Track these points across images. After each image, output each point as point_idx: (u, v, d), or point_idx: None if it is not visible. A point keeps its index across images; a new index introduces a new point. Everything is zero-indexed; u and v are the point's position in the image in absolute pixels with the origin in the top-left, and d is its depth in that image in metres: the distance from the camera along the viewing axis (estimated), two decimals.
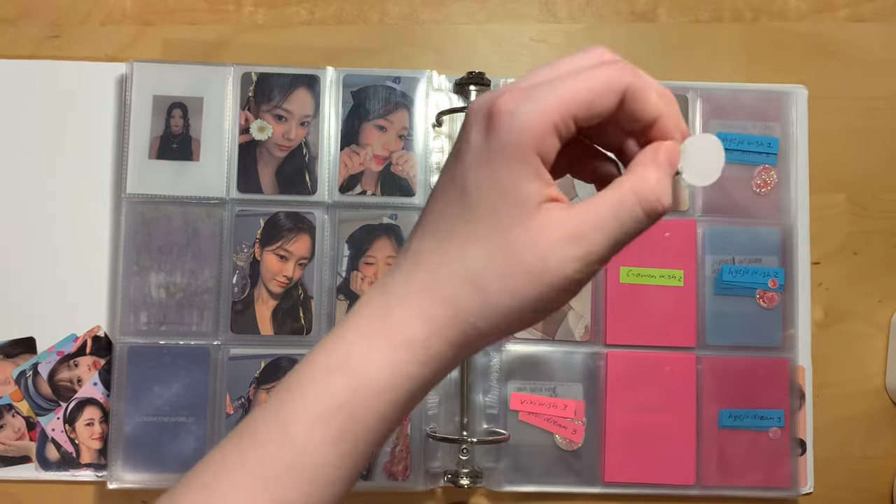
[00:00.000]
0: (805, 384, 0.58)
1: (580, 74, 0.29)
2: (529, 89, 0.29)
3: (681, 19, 0.62)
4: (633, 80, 0.29)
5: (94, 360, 0.58)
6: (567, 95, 0.29)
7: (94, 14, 0.61)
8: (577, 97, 0.29)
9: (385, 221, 0.57)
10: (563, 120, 0.28)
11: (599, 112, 0.29)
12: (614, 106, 0.29)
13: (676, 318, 0.58)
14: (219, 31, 0.61)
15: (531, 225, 0.28)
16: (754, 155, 0.59)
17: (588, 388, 0.57)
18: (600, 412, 0.57)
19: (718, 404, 0.57)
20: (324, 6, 0.61)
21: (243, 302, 0.56)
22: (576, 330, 0.57)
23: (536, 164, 0.29)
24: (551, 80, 0.29)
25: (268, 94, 0.57)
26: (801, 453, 0.58)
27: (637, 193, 0.29)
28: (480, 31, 0.62)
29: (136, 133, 0.57)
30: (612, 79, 0.29)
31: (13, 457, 0.57)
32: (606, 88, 0.29)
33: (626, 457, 0.57)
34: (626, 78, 0.29)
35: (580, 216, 0.29)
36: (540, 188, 0.29)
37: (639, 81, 0.30)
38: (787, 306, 0.58)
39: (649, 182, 0.29)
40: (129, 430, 0.55)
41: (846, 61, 0.62)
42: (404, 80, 0.58)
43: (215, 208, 0.57)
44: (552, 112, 0.28)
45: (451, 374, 0.57)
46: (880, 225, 0.61)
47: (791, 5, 0.62)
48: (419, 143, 0.58)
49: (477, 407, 0.57)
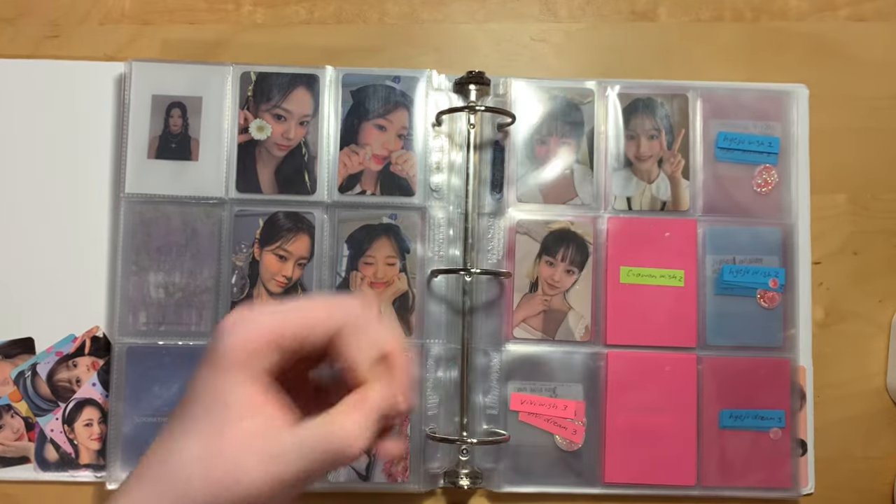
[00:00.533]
0: (806, 384, 0.58)
1: (308, 307, 0.33)
2: (260, 310, 0.33)
3: (681, 19, 0.62)
4: (347, 325, 0.33)
5: (93, 361, 0.58)
6: (283, 322, 0.32)
7: (92, 13, 0.61)
8: (290, 326, 0.32)
9: (384, 221, 0.57)
10: (276, 341, 0.32)
11: (311, 342, 0.33)
12: (323, 343, 0.33)
13: (677, 318, 0.57)
14: (218, 31, 0.61)
15: (235, 433, 0.31)
16: (755, 154, 0.59)
17: (588, 388, 0.57)
18: (600, 412, 0.57)
19: (719, 404, 0.57)
20: (323, 5, 0.61)
21: (242, 302, 0.56)
22: (576, 330, 0.57)
23: (250, 374, 0.32)
24: (286, 307, 0.33)
25: (267, 93, 0.57)
26: (802, 453, 0.57)
27: (333, 438, 0.32)
28: (480, 30, 0.62)
29: (134, 133, 0.57)
30: (328, 318, 0.33)
31: (12, 457, 0.57)
32: (320, 326, 0.33)
33: (627, 457, 0.56)
34: (341, 321, 0.33)
35: (284, 437, 0.31)
36: (250, 396, 0.31)
37: (355, 334, 0.33)
38: (787, 306, 0.58)
39: (346, 429, 0.32)
40: (128, 430, 0.55)
41: (847, 61, 0.61)
42: (404, 79, 0.58)
43: (214, 208, 0.57)
44: (266, 333, 0.32)
45: (451, 373, 0.56)
46: (881, 225, 0.61)
47: (792, 5, 0.62)
48: (419, 142, 0.58)
49: (477, 407, 0.57)
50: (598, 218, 0.58)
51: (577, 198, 0.58)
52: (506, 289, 0.57)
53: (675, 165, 0.58)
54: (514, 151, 0.58)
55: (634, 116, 0.58)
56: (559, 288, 0.57)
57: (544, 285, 0.57)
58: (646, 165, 0.58)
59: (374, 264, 0.57)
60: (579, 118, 0.58)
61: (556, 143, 0.58)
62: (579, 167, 0.58)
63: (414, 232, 0.57)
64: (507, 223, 0.58)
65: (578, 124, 0.58)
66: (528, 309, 0.57)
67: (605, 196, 0.58)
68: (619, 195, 0.58)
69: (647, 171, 0.58)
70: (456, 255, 0.57)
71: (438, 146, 0.58)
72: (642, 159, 0.58)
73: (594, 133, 0.58)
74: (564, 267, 0.58)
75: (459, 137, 0.58)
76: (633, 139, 0.58)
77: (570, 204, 0.58)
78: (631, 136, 0.58)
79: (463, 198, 0.57)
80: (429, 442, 0.56)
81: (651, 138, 0.59)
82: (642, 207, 0.58)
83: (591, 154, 0.58)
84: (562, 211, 0.58)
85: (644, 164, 0.58)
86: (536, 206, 0.58)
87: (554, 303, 0.57)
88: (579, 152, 0.58)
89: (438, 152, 0.58)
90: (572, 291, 0.57)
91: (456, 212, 0.58)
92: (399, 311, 0.57)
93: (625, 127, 0.58)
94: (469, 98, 0.58)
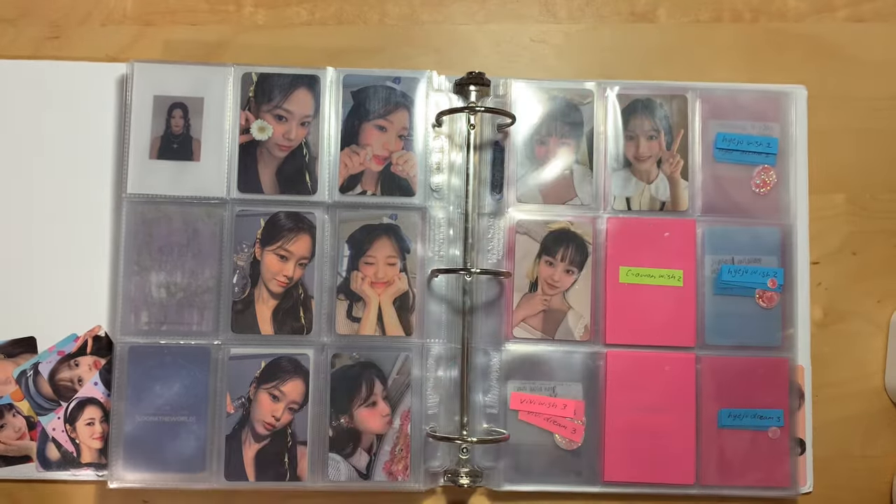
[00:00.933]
0: (804, 384, 0.58)
1: None
2: None
3: (681, 19, 0.62)
4: None
5: (95, 360, 0.58)
6: None
7: (94, 14, 0.61)
8: None
9: (385, 221, 0.57)
10: None
11: None
12: None
13: (676, 317, 0.58)
14: (219, 32, 0.61)
15: None
16: (754, 155, 0.59)
17: (588, 387, 0.57)
18: (600, 412, 0.57)
19: (718, 404, 0.57)
20: (324, 6, 0.62)
21: (244, 302, 0.56)
22: (575, 330, 0.58)
23: None
24: None
25: (268, 94, 0.57)
26: (801, 453, 0.58)
27: None
28: (480, 31, 0.62)
29: (136, 133, 0.57)
30: None
31: (14, 456, 0.57)
32: None
33: (626, 456, 0.57)
34: None
35: None
36: None
37: None
38: (786, 306, 0.58)
39: None
40: (130, 429, 0.55)
41: (846, 61, 0.62)
42: (404, 80, 0.58)
43: (215, 208, 0.57)
44: None
45: (451, 373, 0.57)
46: (880, 225, 0.61)
47: (791, 6, 0.62)
48: (419, 143, 0.58)
49: (477, 406, 0.57)
50: (598, 218, 0.58)
51: (577, 198, 0.58)
52: (506, 289, 0.57)
53: (674, 166, 0.59)
54: (513, 152, 0.58)
55: (633, 117, 0.59)
56: (559, 288, 0.58)
57: (544, 285, 0.58)
58: (645, 166, 0.59)
59: (375, 264, 0.57)
60: (579, 119, 0.58)
61: (556, 143, 0.58)
62: (579, 167, 0.58)
63: (414, 232, 0.57)
64: (507, 223, 0.58)
65: (578, 125, 0.59)
66: (528, 308, 0.57)
67: (605, 196, 0.58)
68: (618, 195, 0.58)
69: (647, 172, 0.59)
70: (456, 255, 0.58)
71: (439, 147, 0.58)
72: (641, 160, 0.59)
73: (594, 133, 0.59)
74: (564, 267, 0.58)
75: (459, 138, 0.58)
76: (632, 140, 0.59)
77: (570, 204, 0.58)
78: (630, 136, 0.59)
79: (463, 198, 0.57)
80: (429, 441, 0.56)
81: (650, 139, 0.59)
82: (641, 207, 0.58)
83: (590, 154, 0.58)
84: (561, 211, 0.58)
85: (643, 165, 0.59)
86: (536, 206, 0.58)
87: (553, 302, 0.58)
88: (579, 153, 0.58)
89: (439, 153, 0.58)
90: (572, 291, 0.58)
91: (456, 212, 0.58)
92: (399, 310, 0.57)
93: (624, 128, 0.59)
94: (469, 99, 0.58)
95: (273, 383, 0.56)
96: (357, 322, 0.57)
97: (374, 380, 0.56)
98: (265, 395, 0.56)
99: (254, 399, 0.56)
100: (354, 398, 0.56)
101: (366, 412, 0.56)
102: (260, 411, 0.56)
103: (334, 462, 0.56)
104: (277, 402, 0.56)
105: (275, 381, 0.56)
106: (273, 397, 0.56)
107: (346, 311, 0.57)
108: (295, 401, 0.56)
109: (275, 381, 0.56)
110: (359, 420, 0.56)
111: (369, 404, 0.56)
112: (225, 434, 0.56)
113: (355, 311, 0.57)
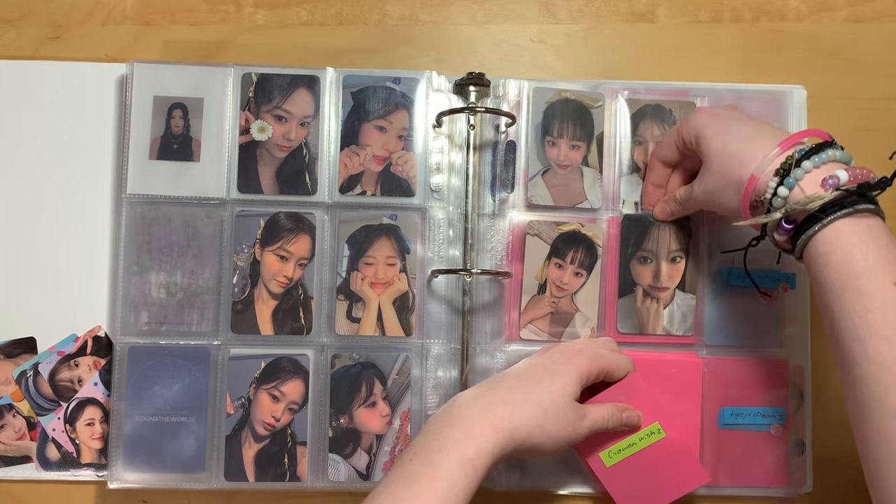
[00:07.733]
0: (804, 384, 0.58)
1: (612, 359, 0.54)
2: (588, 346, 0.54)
3: (680, 20, 0.62)
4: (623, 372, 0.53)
5: (95, 360, 0.58)
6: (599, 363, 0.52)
7: (94, 15, 0.61)
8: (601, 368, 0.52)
9: (385, 222, 0.57)
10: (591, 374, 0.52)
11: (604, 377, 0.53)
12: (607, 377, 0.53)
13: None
14: (219, 32, 0.61)
15: (571, 404, 0.50)
16: None
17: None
18: None
19: (719, 403, 0.57)
20: (324, 7, 0.62)
21: (243, 302, 0.56)
22: (581, 332, 0.57)
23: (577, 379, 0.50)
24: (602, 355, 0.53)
25: (268, 94, 0.57)
26: (801, 453, 0.58)
27: (602, 419, 0.52)
28: (480, 31, 0.62)
29: (136, 133, 0.57)
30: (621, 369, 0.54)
31: (14, 457, 0.57)
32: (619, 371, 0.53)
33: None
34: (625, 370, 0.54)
35: (587, 411, 0.51)
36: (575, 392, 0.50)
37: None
38: (786, 306, 0.58)
39: (604, 418, 0.52)
40: (130, 429, 0.55)
41: (845, 62, 0.62)
42: (404, 80, 0.58)
43: (215, 208, 0.57)
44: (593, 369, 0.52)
45: (451, 373, 0.57)
46: None
47: (790, 6, 0.62)
48: (419, 143, 0.58)
49: None
50: (608, 221, 0.58)
51: (587, 201, 0.58)
52: (505, 289, 0.57)
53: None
54: (523, 153, 0.58)
55: (643, 122, 0.58)
56: (567, 290, 0.58)
57: (552, 287, 0.57)
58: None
59: (375, 264, 0.57)
60: (589, 122, 0.58)
61: (566, 145, 0.58)
62: (588, 170, 0.58)
63: (414, 232, 0.57)
64: (507, 223, 0.58)
65: (588, 128, 0.58)
66: (536, 310, 0.57)
67: (614, 199, 0.58)
68: (627, 199, 0.58)
69: None
70: (456, 256, 0.58)
71: (438, 147, 0.58)
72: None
73: (603, 137, 0.58)
74: (573, 269, 0.58)
75: (459, 138, 0.58)
76: (640, 145, 0.58)
77: (579, 207, 0.58)
78: (639, 141, 0.58)
79: (463, 198, 0.57)
80: None
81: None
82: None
83: (599, 158, 0.58)
84: (571, 214, 0.58)
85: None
86: (546, 207, 0.58)
87: (562, 305, 0.57)
88: (589, 156, 0.58)
89: (438, 153, 0.58)
90: (580, 293, 0.58)
91: (456, 212, 0.58)
92: (399, 311, 0.57)
93: (633, 133, 0.58)
94: (469, 99, 0.58)
95: (273, 384, 0.56)
96: (357, 322, 0.57)
97: (374, 380, 0.56)
98: (265, 396, 0.56)
99: (254, 399, 0.56)
100: (354, 398, 0.56)
101: (365, 412, 0.56)
102: (260, 412, 0.56)
103: (334, 462, 0.56)
104: (277, 403, 0.56)
105: (275, 382, 0.56)
106: (273, 398, 0.56)
107: (345, 312, 0.57)
108: (295, 401, 0.56)
109: (275, 382, 0.56)
110: (359, 420, 0.56)
111: (369, 405, 0.56)
112: (225, 434, 0.56)
113: (355, 312, 0.57)
